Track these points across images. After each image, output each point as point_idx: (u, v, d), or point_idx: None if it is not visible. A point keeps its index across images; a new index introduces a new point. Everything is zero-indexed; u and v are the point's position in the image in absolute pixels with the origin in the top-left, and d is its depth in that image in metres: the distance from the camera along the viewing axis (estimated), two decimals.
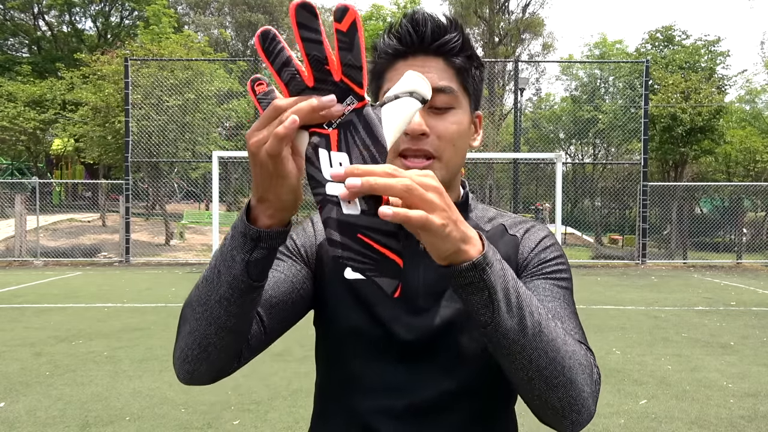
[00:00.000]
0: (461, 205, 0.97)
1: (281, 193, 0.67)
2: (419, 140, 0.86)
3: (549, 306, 0.85)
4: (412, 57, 0.87)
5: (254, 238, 0.71)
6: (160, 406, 4.15)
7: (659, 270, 13.95)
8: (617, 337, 6.39)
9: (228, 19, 38.03)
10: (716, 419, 3.99)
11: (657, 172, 20.09)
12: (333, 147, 0.63)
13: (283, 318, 0.91)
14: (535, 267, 0.91)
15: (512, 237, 0.95)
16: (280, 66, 0.63)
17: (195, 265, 14.04)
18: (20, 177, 24.83)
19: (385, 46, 0.89)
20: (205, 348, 0.78)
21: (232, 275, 0.72)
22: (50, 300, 8.64)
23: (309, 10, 0.60)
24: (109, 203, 20.02)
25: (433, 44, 0.86)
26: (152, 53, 17.14)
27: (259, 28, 0.63)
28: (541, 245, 0.94)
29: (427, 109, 0.86)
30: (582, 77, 22.22)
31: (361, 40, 0.61)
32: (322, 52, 0.62)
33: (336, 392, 0.95)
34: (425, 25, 0.86)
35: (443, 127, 0.87)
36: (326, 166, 0.63)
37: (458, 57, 0.88)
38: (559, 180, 12.70)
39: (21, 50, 30.12)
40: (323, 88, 0.63)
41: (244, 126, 19.47)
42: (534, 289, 0.88)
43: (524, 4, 30.98)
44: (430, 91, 0.68)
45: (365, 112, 0.64)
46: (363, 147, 0.63)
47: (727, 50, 20.40)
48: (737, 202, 17.34)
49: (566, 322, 0.84)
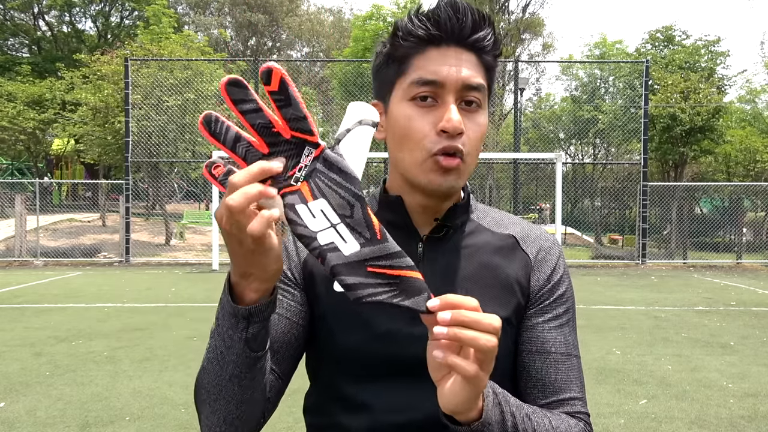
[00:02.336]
0: (463, 206, 0.92)
1: (267, 264, 0.66)
2: (456, 139, 0.80)
3: (562, 369, 0.87)
4: (446, 46, 0.80)
5: (245, 316, 0.70)
6: (160, 406, 4.15)
7: (659, 270, 13.95)
8: (617, 337, 6.39)
9: (228, 19, 38.01)
10: (716, 419, 3.99)
11: (657, 172, 20.08)
12: (308, 198, 0.64)
13: (291, 355, 0.90)
14: (548, 305, 0.90)
15: (525, 255, 0.91)
16: (232, 144, 0.64)
17: (195, 265, 14.04)
18: (20, 177, 24.83)
19: (414, 28, 0.81)
20: (231, 423, 0.78)
21: (235, 354, 0.72)
22: (50, 300, 8.64)
23: (238, 85, 0.62)
24: (109, 203, 20.01)
25: (470, 37, 0.80)
26: (152, 53, 17.14)
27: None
28: (554, 277, 0.91)
29: (459, 104, 0.81)
30: (582, 77, 22.22)
31: (295, 92, 0.62)
32: (265, 117, 0.63)
33: (329, 409, 0.90)
34: (465, 15, 0.79)
35: (473, 128, 0.82)
36: (309, 218, 0.64)
37: (490, 55, 0.84)
38: (559, 180, 12.71)
39: (21, 50, 30.15)
40: (278, 151, 0.64)
41: (244, 126, 19.46)
42: (550, 343, 0.88)
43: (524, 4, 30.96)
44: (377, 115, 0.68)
45: (325, 155, 0.65)
46: (337, 186, 0.64)
47: (727, 50, 20.36)
48: (737, 202, 17.34)
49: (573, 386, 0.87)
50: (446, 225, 0.89)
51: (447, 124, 0.78)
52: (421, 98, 0.80)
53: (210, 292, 9.48)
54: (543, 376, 0.87)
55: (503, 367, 0.85)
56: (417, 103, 0.81)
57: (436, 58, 0.80)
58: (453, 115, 0.78)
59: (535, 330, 0.88)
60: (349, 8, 62.35)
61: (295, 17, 37.65)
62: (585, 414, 0.87)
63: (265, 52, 37.27)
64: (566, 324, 0.90)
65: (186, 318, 7.32)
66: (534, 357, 0.87)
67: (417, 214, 0.89)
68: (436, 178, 0.81)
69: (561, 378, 0.87)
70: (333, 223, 0.64)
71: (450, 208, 0.89)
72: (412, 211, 0.89)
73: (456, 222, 0.90)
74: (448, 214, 0.89)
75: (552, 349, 0.87)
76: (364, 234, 0.64)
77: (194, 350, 5.72)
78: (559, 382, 0.86)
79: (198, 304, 8.38)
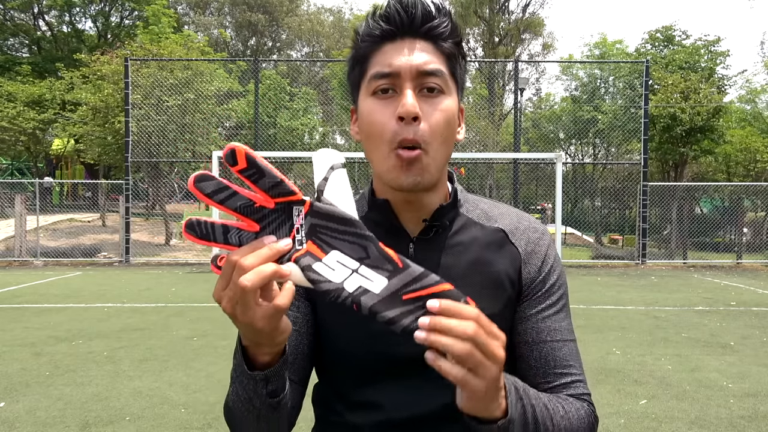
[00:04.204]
0: (450, 204, 0.91)
1: (275, 337, 0.69)
2: (412, 125, 0.80)
3: (560, 356, 0.89)
4: (400, 39, 0.83)
5: (263, 379, 0.74)
6: (160, 406, 4.15)
7: (659, 270, 13.95)
8: (617, 337, 6.38)
9: (228, 19, 38.02)
10: (716, 419, 3.99)
11: (657, 172, 20.08)
12: (319, 255, 0.64)
13: (306, 363, 0.94)
14: (542, 296, 0.92)
15: (514, 249, 0.92)
16: (222, 237, 0.64)
17: (195, 265, 14.04)
18: (20, 177, 24.83)
19: (371, 29, 0.85)
20: None
21: (258, 403, 0.77)
22: (50, 300, 8.64)
23: (204, 179, 0.62)
24: (109, 203, 20.01)
25: (423, 26, 0.83)
26: (152, 53, 17.15)
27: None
28: (544, 268, 0.92)
29: (418, 92, 0.81)
30: (582, 77, 22.22)
31: (263, 161, 0.63)
32: (244, 198, 0.63)
33: (335, 406, 0.93)
34: (415, 7, 0.82)
35: (432, 113, 0.82)
36: (329, 273, 0.64)
37: (447, 41, 0.85)
38: (559, 180, 12.71)
39: (21, 50, 30.13)
40: (268, 222, 0.64)
41: (244, 126, 19.48)
42: (545, 332, 0.90)
43: (524, 4, 31.01)
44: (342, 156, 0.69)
45: (316, 208, 0.65)
46: (342, 234, 0.65)
47: (727, 50, 20.34)
48: (737, 202, 17.34)
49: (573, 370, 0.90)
50: (434, 225, 0.90)
51: (401, 110, 0.79)
52: (381, 91, 0.83)
53: (210, 292, 9.45)
54: (543, 364, 0.89)
55: None
56: (378, 96, 0.84)
57: (391, 51, 0.83)
58: (407, 99, 0.80)
59: (530, 321, 0.91)
60: (349, 8, 62.26)
61: (295, 17, 37.65)
62: (587, 395, 0.90)
63: (265, 52, 37.27)
64: (560, 311, 0.92)
65: (186, 318, 7.32)
66: (531, 347, 0.90)
67: (404, 213, 0.90)
68: (399, 174, 0.82)
69: (560, 363, 0.89)
70: (353, 268, 0.64)
71: (437, 209, 0.89)
72: (399, 210, 0.90)
73: (444, 221, 0.90)
74: (435, 214, 0.89)
75: (548, 338, 0.90)
76: (387, 267, 0.64)
77: (194, 350, 5.72)
78: (559, 367, 0.89)
79: (198, 304, 8.38)
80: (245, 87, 19.29)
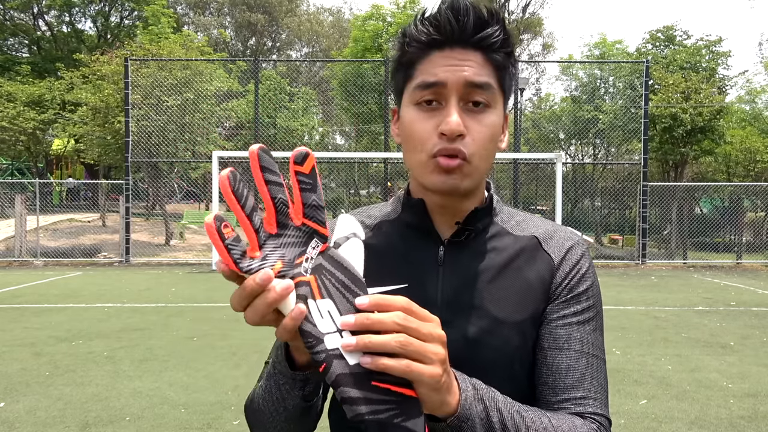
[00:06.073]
0: (485, 210, 0.89)
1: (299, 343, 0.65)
2: (455, 141, 0.78)
3: (575, 367, 0.82)
4: (449, 48, 0.79)
5: (302, 380, 0.72)
6: (160, 406, 4.15)
7: (659, 270, 13.95)
8: (617, 337, 6.38)
9: (228, 19, 38.03)
10: (716, 419, 3.99)
11: (657, 173, 20.07)
12: (316, 295, 0.60)
13: None
14: (567, 302, 0.86)
15: (547, 257, 0.88)
16: (250, 211, 0.59)
17: (195, 265, 14.04)
18: (20, 177, 24.82)
19: (418, 33, 0.81)
20: None
21: (291, 404, 0.74)
22: (50, 300, 8.64)
23: (268, 154, 0.59)
24: (109, 203, 20.01)
25: (474, 36, 0.79)
26: (152, 53, 17.15)
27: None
28: (576, 272, 0.87)
29: (463, 105, 0.79)
30: (582, 77, 22.21)
31: (320, 182, 0.61)
32: (285, 194, 0.60)
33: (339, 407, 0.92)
34: (467, 15, 0.78)
35: (478, 129, 0.80)
36: (318, 318, 0.59)
37: (499, 52, 0.81)
38: (559, 180, 12.71)
39: (21, 50, 30.15)
40: (286, 234, 0.60)
41: (244, 126, 19.48)
42: (563, 339, 0.84)
43: (524, 4, 31.02)
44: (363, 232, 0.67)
45: (331, 253, 0.62)
46: (344, 289, 0.60)
47: (728, 50, 20.32)
48: (737, 202, 17.34)
49: (587, 385, 0.82)
50: (467, 228, 0.87)
51: (445, 127, 0.77)
52: (426, 102, 0.80)
53: (210, 292, 9.48)
54: (553, 372, 0.83)
55: (507, 372, 0.83)
56: (422, 107, 0.81)
57: (439, 61, 0.80)
58: (452, 117, 0.77)
59: (549, 326, 0.85)
60: (348, 8, 62.30)
61: (295, 17, 37.67)
62: (599, 415, 0.81)
63: (264, 52, 37.28)
64: (586, 322, 0.85)
65: (186, 318, 7.32)
66: (545, 353, 0.84)
67: (438, 216, 0.88)
68: (438, 178, 0.80)
69: (572, 375, 0.82)
70: (339, 327, 0.59)
71: (471, 212, 0.87)
72: (433, 212, 0.88)
73: (477, 225, 0.88)
74: (469, 217, 0.87)
75: (564, 346, 0.83)
76: None
77: (194, 350, 5.72)
78: (570, 379, 0.82)
79: (198, 304, 8.38)
80: (245, 87, 19.29)
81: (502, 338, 0.82)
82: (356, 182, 20.25)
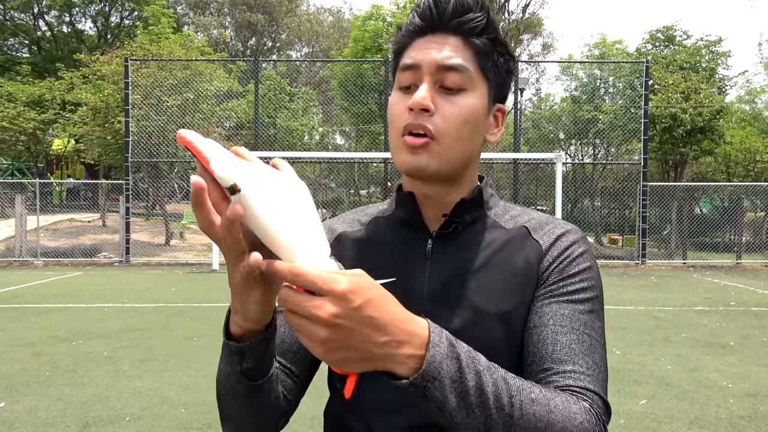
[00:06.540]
0: (473, 201, 0.88)
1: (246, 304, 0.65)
2: (420, 116, 0.79)
3: (562, 341, 0.77)
4: (431, 34, 0.82)
5: (237, 352, 0.71)
6: (160, 406, 4.15)
7: (659, 270, 13.95)
8: (617, 337, 6.38)
9: (228, 19, 38.03)
10: (716, 419, 3.99)
11: (657, 173, 20.07)
12: None
13: (311, 359, 0.89)
14: (555, 283, 0.82)
15: (535, 244, 0.86)
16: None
17: (195, 265, 14.04)
18: (20, 177, 24.82)
19: (407, 24, 0.86)
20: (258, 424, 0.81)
21: (235, 380, 0.74)
22: (50, 300, 8.64)
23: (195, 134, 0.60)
24: (109, 203, 20.01)
25: (452, 21, 0.81)
26: (152, 53, 17.15)
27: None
28: (566, 256, 0.84)
29: (438, 87, 0.81)
30: (582, 77, 22.20)
31: None
32: None
33: (334, 406, 0.91)
34: (447, 2, 0.81)
35: (449, 109, 0.80)
36: None
37: (479, 37, 0.82)
38: (559, 180, 12.70)
39: (21, 50, 30.14)
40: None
41: (244, 126, 19.48)
42: (549, 315, 0.80)
43: (524, 4, 31.00)
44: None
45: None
46: None
47: (728, 51, 20.33)
48: (737, 202, 17.34)
49: (578, 361, 0.75)
50: (454, 221, 0.87)
51: (410, 100, 0.80)
52: (406, 87, 0.83)
53: (210, 292, 9.48)
54: (539, 349, 0.77)
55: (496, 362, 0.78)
56: (402, 90, 0.84)
57: (419, 45, 0.83)
58: (419, 92, 0.79)
59: (535, 306, 0.82)
60: (348, 8, 62.31)
61: (295, 17, 37.67)
62: (592, 392, 0.73)
63: (264, 52, 37.28)
64: (577, 303, 0.81)
65: (186, 318, 7.32)
66: (531, 332, 0.80)
67: (427, 209, 0.89)
68: (405, 156, 0.82)
69: (560, 349, 0.76)
70: None
71: (458, 203, 0.87)
72: (422, 205, 0.89)
73: (465, 218, 0.88)
74: (456, 209, 0.87)
75: (549, 322, 0.79)
76: None
77: (194, 350, 5.72)
78: (557, 353, 0.76)
79: (198, 304, 8.38)
80: (245, 87, 19.29)
81: (484, 329, 0.80)
82: (356, 182, 20.24)
